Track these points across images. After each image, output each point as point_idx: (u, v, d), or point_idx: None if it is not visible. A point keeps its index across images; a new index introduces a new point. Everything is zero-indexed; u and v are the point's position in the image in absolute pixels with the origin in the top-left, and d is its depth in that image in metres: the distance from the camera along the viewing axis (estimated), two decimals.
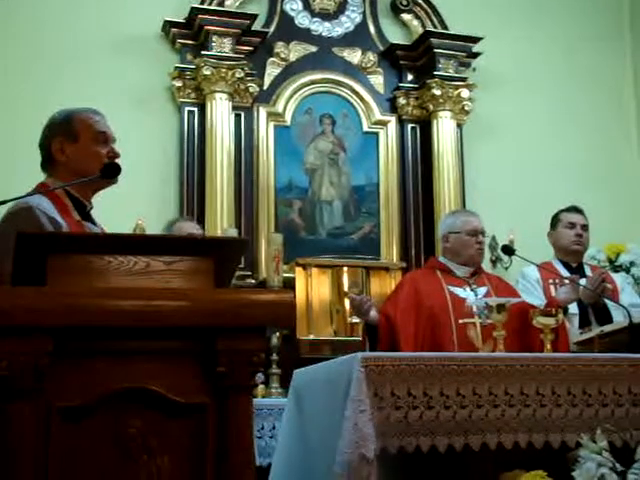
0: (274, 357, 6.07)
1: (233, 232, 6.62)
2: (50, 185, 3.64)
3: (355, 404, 3.41)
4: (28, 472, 2.41)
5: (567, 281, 5.73)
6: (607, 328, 4.91)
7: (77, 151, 3.70)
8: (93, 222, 3.72)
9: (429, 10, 7.81)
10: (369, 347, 5.10)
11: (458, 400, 3.59)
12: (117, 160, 3.70)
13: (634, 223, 7.87)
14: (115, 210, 3.86)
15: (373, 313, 5.21)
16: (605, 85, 8.33)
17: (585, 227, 6.00)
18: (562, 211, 6.09)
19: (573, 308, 5.57)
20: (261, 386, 5.87)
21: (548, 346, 4.44)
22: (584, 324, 5.50)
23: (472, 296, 5.08)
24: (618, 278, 5.97)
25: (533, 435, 3.66)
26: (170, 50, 7.31)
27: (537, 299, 5.46)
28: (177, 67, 7.21)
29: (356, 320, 5.69)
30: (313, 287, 6.87)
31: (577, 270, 5.91)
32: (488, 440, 3.59)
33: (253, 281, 6.67)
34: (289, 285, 6.51)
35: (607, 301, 5.64)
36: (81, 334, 2.51)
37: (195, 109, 7.19)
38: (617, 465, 3.53)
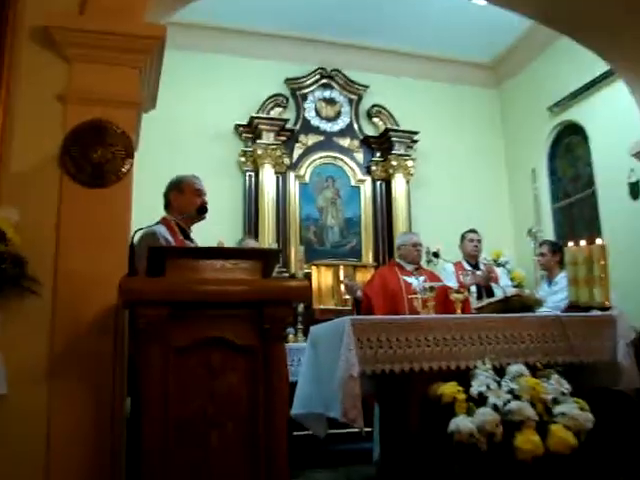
0: (299, 319, 6.10)
1: (274, 245, 6.67)
2: (168, 219, 3.70)
3: (346, 346, 3.44)
4: (157, 385, 2.46)
5: (470, 273, 5.75)
6: (492, 300, 4.86)
7: (183, 200, 3.76)
8: (191, 241, 3.77)
9: (388, 115, 7.83)
10: (356, 313, 5.11)
11: (406, 343, 3.57)
12: (206, 205, 3.78)
13: (507, 239, 7.90)
14: (205, 234, 3.89)
15: (359, 293, 5.27)
16: (488, 156, 8.35)
17: (479, 241, 6.03)
18: (466, 232, 6.10)
19: (473, 288, 5.57)
20: (291, 336, 5.91)
21: (459, 310, 4.44)
22: (479, 297, 5.49)
23: (416, 281, 5.05)
24: (498, 270, 5.96)
25: (450, 362, 3.64)
26: (238, 140, 7.34)
27: (453, 283, 5.45)
28: (243, 150, 7.26)
29: (347, 297, 5.68)
30: (322, 278, 6.90)
31: (475, 266, 5.92)
32: (424, 366, 3.58)
33: (287, 274, 6.68)
34: (308, 277, 6.53)
35: (492, 284, 5.66)
36: (185, 305, 2.56)
37: (252, 174, 7.22)
38: (496, 377, 3.53)
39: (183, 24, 6.55)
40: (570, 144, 7.47)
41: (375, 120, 7.89)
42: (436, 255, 5.57)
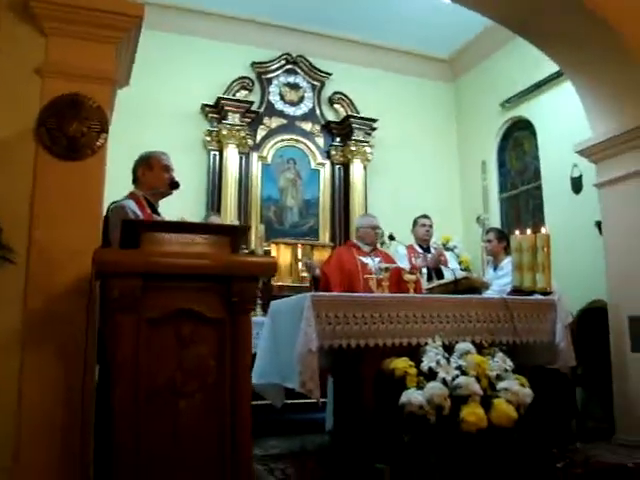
0: (259, 294, 6.10)
1: (236, 222, 6.65)
2: (136, 194, 3.67)
3: (306, 321, 3.48)
4: (129, 355, 2.46)
5: (421, 255, 5.84)
6: (442, 281, 4.96)
7: (152, 175, 3.72)
8: (159, 215, 3.75)
9: (349, 103, 7.84)
10: (314, 290, 5.12)
11: (362, 320, 3.64)
12: (176, 180, 3.75)
13: (456, 225, 8.04)
14: (169, 210, 3.85)
15: (317, 271, 5.28)
16: (442, 146, 8.47)
17: (430, 226, 6.05)
18: (418, 217, 6.14)
19: (424, 270, 5.63)
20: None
21: (411, 291, 4.50)
22: (429, 279, 5.55)
23: (372, 262, 5.10)
24: (447, 254, 6.03)
25: (403, 339, 3.72)
26: (204, 119, 7.28)
27: (405, 265, 5.51)
28: (208, 129, 7.20)
29: (305, 275, 5.71)
30: (281, 256, 6.93)
31: (426, 249, 5.97)
32: (378, 342, 3.65)
33: (246, 250, 6.66)
34: (268, 254, 6.53)
35: (442, 267, 5.74)
36: (157, 277, 2.55)
37: (217, 153, 7.18)
38: (445, 354, 3.61)
39: (156, 4, 6.45)
40: (519, 139, 7.61)
41: (336, 107, 7.89)
42: (392, 238, 5.62)
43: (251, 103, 7.35)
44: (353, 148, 7.63)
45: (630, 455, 4.21)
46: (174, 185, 3.76)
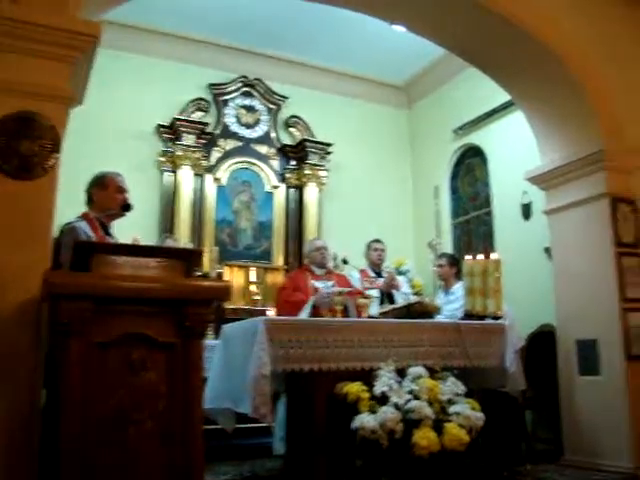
0: (212, 318, 6.02)
1: (190, 245, 6.58)
2: (89, 214, 3.62)
3: (258, 345, 3.47)
4: (77, 379, 2.40)
5: (373, 280, 5.87)
6: (396, 306, 4.95)
7: (105, 196, 3.68)
8: (112, 237, 3.70)
9: (305, 126, 7.88)
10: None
11: (315, 344, 3.65)
12: (129, 202, 3.71)
13: (409, 250, 8.10)
14: (120, 231, 3.81)
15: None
16: (396, 171, 8.56)
17: (383, 250, 6.08)
18: (371, 241, 6.16)
19: (376, 294, 5.64)
20: None
21: (363, 314, 4.52)
22: (382, 303, 5.56)
23: (324, 286, 5.11)
24: (400, 278, 6.06)
25: (356, 363, 3.73)
26: (158, 140, 7.21)
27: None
28: (163, 150, 7.14)
29: (257, 297, 5.66)
30: (234, 278, 6.91)
31: (379, 274, 6.00)
32: (331, 366, 3.65)
33: (199, 273, 6.58)
34: (220, 277, 6.51)
35: (394, 291, 5.77)
36: (108, 301, 2.51)
37: (171, 174, 7.11)
38: (398, 378, 3.63)
39: (112, 22, 6.39)
40: (471, 165, 7.75)
41: (292, 130, 7.93)
42: (345, 262, 5.65)
43: (206, 124, 7.32)
44: (308, 172, 7.66)
45: (577, 476, 4.29)
46: (127, 207, 3.71)
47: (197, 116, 7.34)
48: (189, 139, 7.13)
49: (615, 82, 5.06)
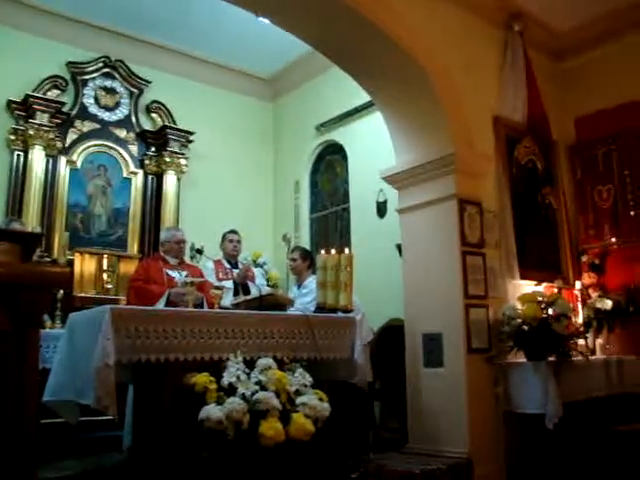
0: (58, 305, 5.77)
1: (38, 229, 6.26)
2: None
3: (103, 334, 3.32)
4: None
5: (228, 270, 5.86)
6: (248, 297, 4.92)
7: None
8: None
9: (167, 113, 7.73)
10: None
11: (163, 334, 3.53)
12: None
13: (267, 242, 8.17)
14: None
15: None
16: (258, 164, 8.61)
17: (238, 241, 6.09)
18: (227, 232, 6.15)
19: (230, 285, 5.65)
20: (49, 322, 5.57)
21: (216, 306, 4.49)
22: (236, 294, 5.56)
23: (178, 275, 5.04)
24: (256, 270, 6.08)
25: (204, 354, 3.67)
26: (10, 117, 6.79)
27: (212, 280, 5.50)
28: (13, 127, 6.74)
29: (108, 286, 5.50)
30: (85, 266, 6.62)
31: (235, 265, 5.99)
32: (179, 356, 3.58)
33: (48, 259, 6.28)
34: (70, 263, 6.25)
35: (249, 282, 5.78)
36: None
37: (22, 154, 6.74)
38: (246, 369, 3.62)
39: None
40: (331, 162, 7.91)
41: (154, 116, 7.75)
42: (199, 252, 5.59)
43: (63, 104, 7.01)
44: (168, 159, 7.53)
45: (419, 462, 4.47)
46: None
47: (53, 94, 7.01)
48: (43, 118, 6.81)
49: (468, 92, 5.32)
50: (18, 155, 6.72)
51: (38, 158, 6.73)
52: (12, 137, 6.72)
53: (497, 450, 4.79)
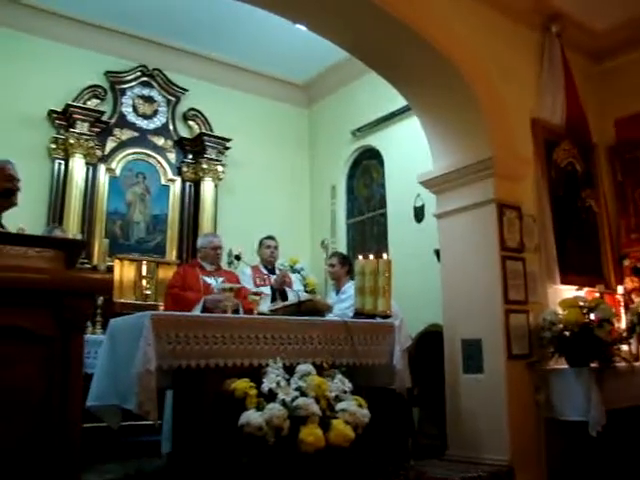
0: (99, 311, 5.85)
1: (79, 236, 6.36)
2: None
3: (145, 340, 3.36)
4: None
5: (266, 276, 5.86)
6: (286, 303, 4.96)
7: None
8: (3, 227, 3.51)
9: (204, 120, 7.79)
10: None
11: (204, 340, 3.57)
12: (14, 190, 3.54)
13: (305, 248, 8.17)
14: (7, 220, 3.63)
15: None
16: (294, 169, 8.60)
17: (276, 247, 6.06)
18: (264, 238, 6.13)
19: (268, 291, 5.63)
20: (90, 327, 5.64)
21: (255, 311, 4.50)
22: (273, 300, 5.54)
23: (214, 282, 5.05)
24: (294, 276, 6.07)
25: (244, 360, 3.69)
26: (50, 126, 6.91)
27: (250, 286, 5.50)
28: (54, 137, 6.86)
29: (147, 292, 5.55)
30: (125, 272, 6.70)
31: (272, 271, 5.99)
32: (219, 362, 3.60)
33: (89, 266, 6.38)
34: (110, 270, 6.33)
35: (286, 288, 5.78)
36: None
37: (63, 163, 6.85)
38: (286, 375, 3.63)
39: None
40: (368, 167, 7.89)
41: (191, 123, 7.81)
42: (238, 258, 5.60)
43: (102, 113, 7.11)
44: (205, 166, 7.58)
45: (459, 470, 4.43)
46: (6, 193, 3.52)
47: (92, 103, 7.11)
48: (83, 127, 6.90)
49: (506, 96, 5.26)
50: (59, 164, 6.83)
51: (78, 166, 6.84)
52: (53, 146, 6.84)
53: (539, 458, 4.72)
